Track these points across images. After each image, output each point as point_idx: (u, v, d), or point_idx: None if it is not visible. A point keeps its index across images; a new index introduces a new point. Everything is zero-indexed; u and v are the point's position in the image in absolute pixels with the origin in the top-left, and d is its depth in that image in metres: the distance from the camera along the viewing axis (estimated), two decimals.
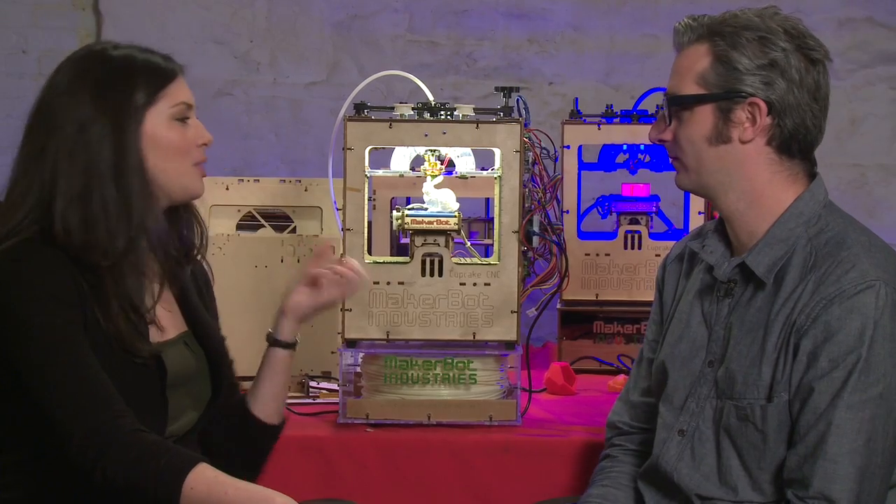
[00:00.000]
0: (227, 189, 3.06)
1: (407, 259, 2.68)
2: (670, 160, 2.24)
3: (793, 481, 2.08)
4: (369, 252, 2.71)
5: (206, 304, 2.39)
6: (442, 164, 2.71)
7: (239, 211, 3.08)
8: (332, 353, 2.98)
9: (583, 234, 3.33)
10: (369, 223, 2.73)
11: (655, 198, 3.32)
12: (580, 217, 3.33)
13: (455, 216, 2.67)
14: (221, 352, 2.34)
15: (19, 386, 2.07)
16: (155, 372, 2.18)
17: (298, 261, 3.02)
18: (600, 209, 3.36)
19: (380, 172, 2.77)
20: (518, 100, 2.71)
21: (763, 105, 2.13)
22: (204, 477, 2.00)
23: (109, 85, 2.17)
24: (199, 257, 2.35)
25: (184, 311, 2.31)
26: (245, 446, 2.41)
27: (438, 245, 2.67)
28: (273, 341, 2.38)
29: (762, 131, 2.15)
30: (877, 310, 2.06)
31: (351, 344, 2.69)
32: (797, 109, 2.14)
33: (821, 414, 2.06)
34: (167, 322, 2.26)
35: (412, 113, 2.68)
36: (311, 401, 2.89)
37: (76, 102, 2.16)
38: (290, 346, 2.38)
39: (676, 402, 2.25)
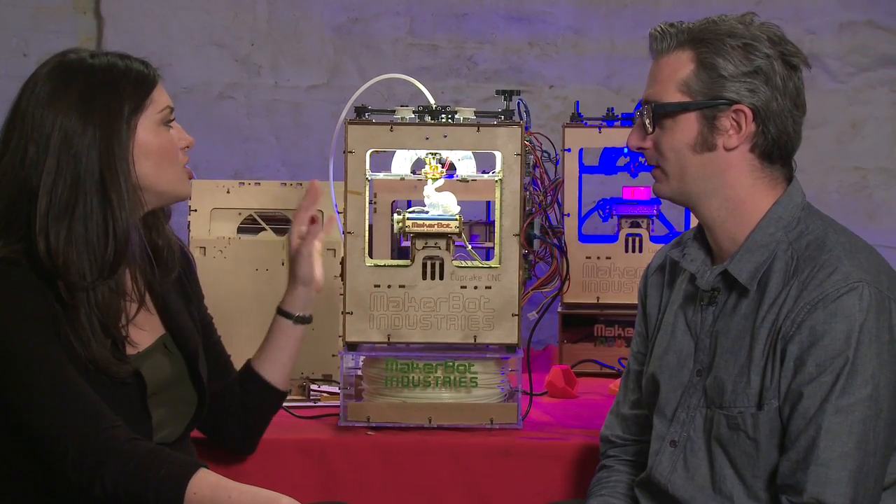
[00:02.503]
0: (228, 192, 3.06)
1: (408, 262, 2.68)
2: (651, 169, 2.23)
3: (787, 487, 2.08)
4: (370, 255, 2.71)
5: (189, 293, 2.38)
6: (443, 167, 2.71)
7: (240, 214, 3.08)
8: (333, 356, 2.98)
9: (584, 237, 3.33)
10: (370, 226, 2.73)
11: (656, 201, 3.32)
12: (581, 220, 3.33)
13: (456, 219, 2.67)
14: (199, 355, 2.33)
15: (3, 406, 2.06)
16: (134, 386, 2.17)
17: None
18: (601, 212, 3.36)
19: (381, 176, 2.77)
20: (519, 103, 2.71)
21: (749, 112, 2.12)
22: (206, 482, 1.99)
23: (96, 95, 2.15)
24: (167, 262, 2.32)
25: (161, 313, 2.30)
26: (248, 412, 2.45)
27: (439, 248, 2.67)
28: (288, 315, 2.46)
29: (747, 138, 2.14)
30: (861, 311, 2.05)
31: (352, 347, 2.69)
32: (780, 116, 2.13)
33: (810, 419, 2.05)
34: (145, 328, 2.24)
35: (413, 116, 2.68)
36: (311, 404, 2.88)
37: (60, 114, 2.13)
38: (307, 320, 2.48)
39: (668, 412, 2.24)
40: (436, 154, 2.70)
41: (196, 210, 3.02)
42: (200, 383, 2.31)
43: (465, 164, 2.74)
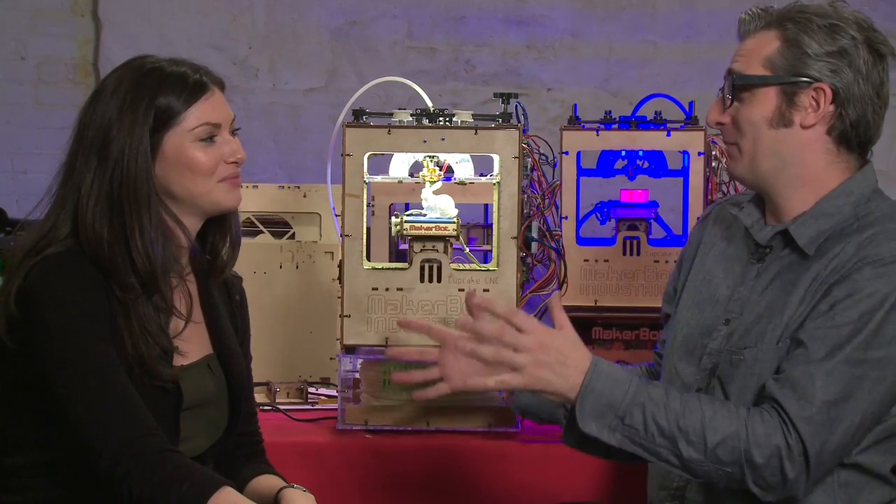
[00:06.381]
0: None
1: (406, 265, 2.68)
2: (726, 147, 2.23)
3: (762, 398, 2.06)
4: (368, 258, 2.71)
5: (238, 325, 2.37)
6: (441, 170, 2.71)
7: None
8: (331, 359, 2.98)
9: (581, 240, 3.32)
10: (368, 229, 2.73)
11: (654, 204, 3.32)
12: (579, 223, 3.32)
13: (454, 222, 2.67)
14: (243, 380, 2.33)
15: (42, 390, 2.08)
16: (172, 395, 2.17)
17: (297, 267, 3.02)
18: (599, 215, 3.35)
19: (378, 178, 2.77)
20: (517, 106, 2.72)
21: (829, 91, 2.13)
22: (224, 502, 2.00)
23: (131, 103, 2.16)
24: (227, 269, 2.32)
25: (211, 332, 2.30)
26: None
27: (437, 251, 2.67)
28: None
29: (824, 118, 2.14)
30: None
31: (350, 350, 2.69)
32: (861, 101, 2.14)
33: (816, 360, 2.04)
34: (193, 343, 2.24)
35: (411, 119, 2.68)
36: (309, 407, 2.88)
37: (102, 117, 2.16)
38: None
39: (694, 361, 2.23)
40: (434, 157, 2.70)
41: None
42: (236, 410, 2.30)
43: (463, 167, 2.74)
